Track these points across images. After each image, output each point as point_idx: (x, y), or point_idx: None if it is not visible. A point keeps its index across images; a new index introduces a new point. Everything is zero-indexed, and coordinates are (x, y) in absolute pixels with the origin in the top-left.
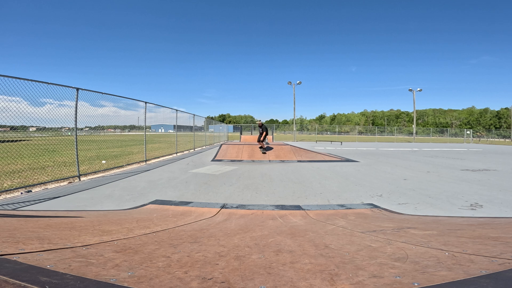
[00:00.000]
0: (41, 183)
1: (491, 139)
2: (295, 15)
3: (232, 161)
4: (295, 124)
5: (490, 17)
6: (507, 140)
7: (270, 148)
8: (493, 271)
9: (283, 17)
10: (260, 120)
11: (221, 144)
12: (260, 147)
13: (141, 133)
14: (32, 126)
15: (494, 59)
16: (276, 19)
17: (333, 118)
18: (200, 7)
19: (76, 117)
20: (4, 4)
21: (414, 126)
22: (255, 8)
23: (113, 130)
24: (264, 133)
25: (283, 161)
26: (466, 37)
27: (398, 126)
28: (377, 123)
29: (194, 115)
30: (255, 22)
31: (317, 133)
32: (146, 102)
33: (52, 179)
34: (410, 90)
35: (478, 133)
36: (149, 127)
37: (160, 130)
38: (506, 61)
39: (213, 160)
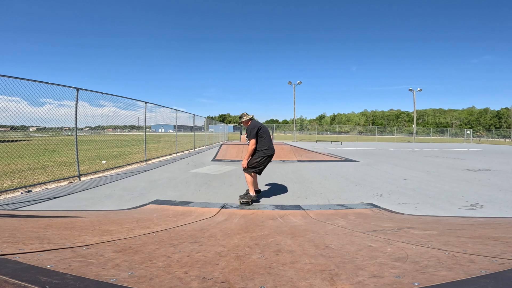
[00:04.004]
0: (41, 183)
1: (491, 139)
2: (295, 15)
3: (232, 161)
4: (295, 124)
5: (492, 16)
6: (507, 140)
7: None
8: (493, 271)
9: (283, 17)
10: (246, 114)
11: (221, 144)
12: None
13: (141, 133)
14: (32, 126)
15: (496, 58)
16: (276, 19)
17: (333, 118)
18: (200, 5)
19: (76, 117)
20: (4, 2)
21: (414, 126)
22: (255, 8)
23: (113, 130)
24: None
25: (283, 161)
26: (468, 36)
27: (398, 126)
28: (377, 123)
29: (194, 115)
30: (255, 20)
31: (317, 133)
32: (146, 102)
33: (52, 179)
34: (410, 90)
35: (478, 133)
36: (149, 127)
37: (160, 130)
38: (508, 60)
39: (213, 160)
